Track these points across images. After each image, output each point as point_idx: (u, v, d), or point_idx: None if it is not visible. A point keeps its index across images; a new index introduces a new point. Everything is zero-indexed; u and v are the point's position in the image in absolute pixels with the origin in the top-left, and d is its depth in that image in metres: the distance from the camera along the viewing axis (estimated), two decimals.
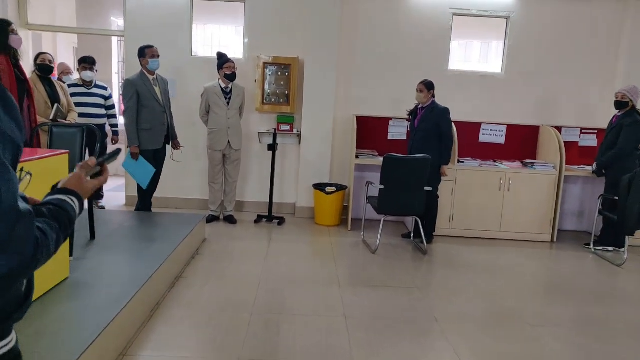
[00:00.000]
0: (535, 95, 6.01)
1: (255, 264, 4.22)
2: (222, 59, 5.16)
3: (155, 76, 4.80)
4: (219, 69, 5.16)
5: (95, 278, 3.08)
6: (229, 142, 5.22)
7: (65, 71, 6.03)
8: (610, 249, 5.10)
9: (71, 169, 3.29)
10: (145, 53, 4.70)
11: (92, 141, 3.75)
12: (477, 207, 5.40)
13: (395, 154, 4.59)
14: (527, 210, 5.40)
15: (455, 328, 3.21)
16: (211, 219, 5.36)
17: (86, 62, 5.39)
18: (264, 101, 5.78)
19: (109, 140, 5.76)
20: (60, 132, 3.68)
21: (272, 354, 2.77)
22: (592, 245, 5.19)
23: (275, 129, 5.60)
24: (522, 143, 5.93)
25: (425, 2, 5.80)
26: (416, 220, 4.87)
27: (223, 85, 5.17)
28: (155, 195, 5.06)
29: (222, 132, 5.19)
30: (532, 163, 5.52)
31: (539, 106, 6.03)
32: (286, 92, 5.81)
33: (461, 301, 3.69)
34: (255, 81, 5.72)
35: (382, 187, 4.60)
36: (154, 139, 4.77)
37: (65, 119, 4.68)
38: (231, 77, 5.15)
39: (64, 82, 5.28)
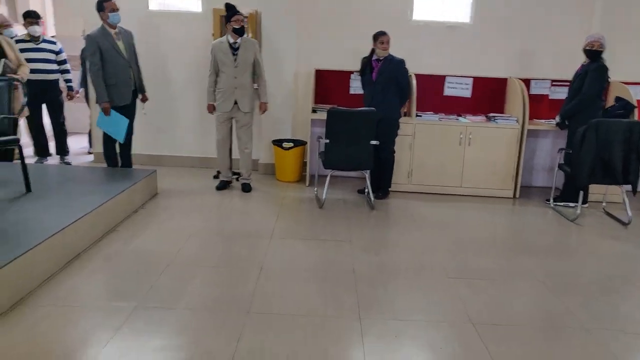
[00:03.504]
0: (506, 47, 5.75)
1: (196, 218, 4.22)
2: (232, 11, 4.69)
3: (117, 30, 4.64)
4: (226, 22, 4.78)
5: (8, 225, 3.11)
6: (235, 102, 4.84)
7: (3, 23, 5.67)
8: (572, 204, 4.93)
9: None
10: (104, 7, 4.51)
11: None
12: (436, 162, 5.27)
13: (339, 107, 4.48)
14: (488, 165, 5.25)
15: (367, 280, 3.18)
16: (223, 186, 5.15)
17: (31, 17, 5.28)
18: None
19: (64, 96, 5.73)
20: None
21: (175, 301, 2.78)
22: (551, 201, 5.05)
23: None
24: (490, 97, 5.73)
25: None
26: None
27: (231, 41, 4.75)
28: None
29: (228, 92, 4.80)
30: (495, 117, 5.34)
31: (511, 58, 5.77)
32: None
33: (387, 254, 3.66)
34: (213, 35, 5.59)
35: (327, 141, 4.52)
36: (120, 94, 4.65)
37: (15, 74, 4.65)
38: (240, 32, 4.72)
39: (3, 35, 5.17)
